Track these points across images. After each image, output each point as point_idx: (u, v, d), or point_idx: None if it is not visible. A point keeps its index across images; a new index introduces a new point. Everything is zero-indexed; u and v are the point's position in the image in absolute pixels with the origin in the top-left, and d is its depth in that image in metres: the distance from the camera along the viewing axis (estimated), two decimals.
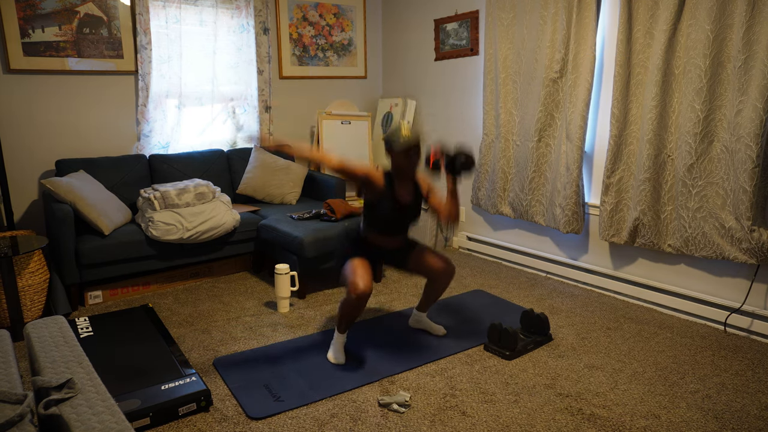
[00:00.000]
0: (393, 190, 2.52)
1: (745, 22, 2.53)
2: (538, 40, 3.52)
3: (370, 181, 2.48)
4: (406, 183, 2.56)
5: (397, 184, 2.54)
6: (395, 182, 2.53)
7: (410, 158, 2.46)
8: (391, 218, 2.54)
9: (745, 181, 2.58)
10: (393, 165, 2.51)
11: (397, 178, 2.54)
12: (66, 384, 1.29)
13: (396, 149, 2.44)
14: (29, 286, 2.95)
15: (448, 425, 2.08)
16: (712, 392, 2.28)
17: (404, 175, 2.52)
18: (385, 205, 2.51)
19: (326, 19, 4.78)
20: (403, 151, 2.44)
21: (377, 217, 2.54)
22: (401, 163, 2.47)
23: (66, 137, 3.78)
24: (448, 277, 2.69)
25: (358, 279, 2.38)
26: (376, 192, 2.50)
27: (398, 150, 2.43)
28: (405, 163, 2.46)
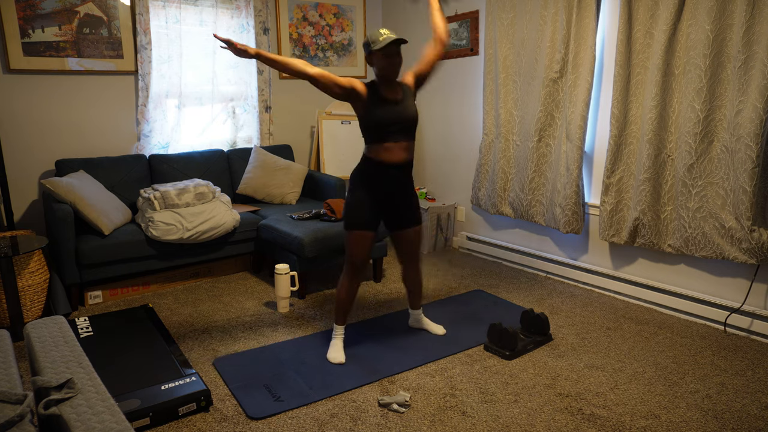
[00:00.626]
0: (378, 94, 2.42)
1: (745, 22, 2.53)
2: (538, 40, 3.52)
3: (354, 89, 2.37)
4: (391, 86, 2.45)
5: (382, 89, 2.43)
6: (380, 88, 2.43)
7: (390, 58, 2.35)
8: (387, 120, 2.40)
9: (745, 181, 2.58)
10: (376, 69, 2.40)
11: (382, 85, 2.43)
12: (66, 384, 1.29)
13: (376, 48, 2.33)
14: (29, 286, 2.95)
15: (448, 425, 2.08)
16: (712, 392, 2.28)
17: (388, 78, 2.41)
18: (375, 109, 2.39)
19: (326, 19, 4.78)
20: (383, 50, 2.33)
21: (374, 125, 2.41)
22: (381, 66, 2.37)
23: (66, 137, 3.78)
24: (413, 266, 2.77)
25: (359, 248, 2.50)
26: (362, 101, 2.40)
27: (378, 49, 2.33)
28: (386, 64, 2.36)
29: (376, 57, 2.37)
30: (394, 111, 2.42)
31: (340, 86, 2.35)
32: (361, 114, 2.44)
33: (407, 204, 2.62)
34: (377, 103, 2.41)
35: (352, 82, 2.38)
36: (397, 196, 2.57)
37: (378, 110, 2.40)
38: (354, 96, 2.40)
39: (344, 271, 2.59)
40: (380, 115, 2.40)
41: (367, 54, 2.42)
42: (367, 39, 2.40)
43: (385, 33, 2.36)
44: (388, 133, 2.43)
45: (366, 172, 2.50)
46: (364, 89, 2.41)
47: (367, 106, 2.41)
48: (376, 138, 2.44)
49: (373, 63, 2.41)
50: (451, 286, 3.62)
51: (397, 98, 2.45)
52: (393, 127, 2.42)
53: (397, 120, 2.42)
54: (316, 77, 2.32)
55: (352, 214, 2.51)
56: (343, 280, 2.60)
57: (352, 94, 2.39)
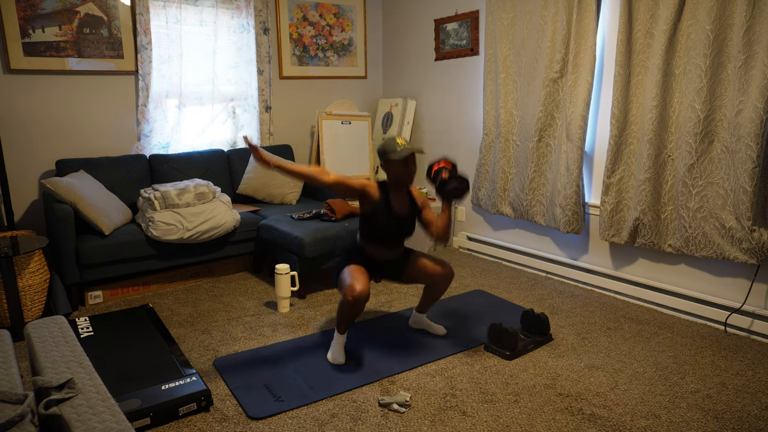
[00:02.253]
0: (389, 202, 2.54)
1: (745, 22, 2.53)
2: (538, 40, 3.52)
3: (366, 193, 2.50)
4: (401, 194, 2.59)
5: (392, 196, 2.56)
6: (391, 194, 2.56)
7: (406, 167, 2.48)
8: (387, 230, 2.55)
9: (745, 181, 2.58)
10: (389, 175, 2.53)
11: (393, 190, 2.56)
12: (66, 384, 1.29)
13: (392, 159, 2.46)
14: (29, 286, 2.95)
15: (448, 425, 2.08)
16: (713, 392, 2.28)
17: (400, 186, 2.55)
18: (381, 216, 2.52)
19: (326, 19, 4.78)
20: (399, 161, 2.46)
21: (374, 228, 2.56)
22: (397, 173, 2.49)
23: (66, 137, 3.78)
24: (446, 281, 2.68)
25: (355, 282, 2.39)
26: (372, 203, 2.52)
27: (394, 159, 2.45)
28: (401, 173, 2.48)
29: (393, 165, 2.48)
30: (395, 225, 2.56)
31: (353, 190, 2.48)
32: (366, 211, 2.55)
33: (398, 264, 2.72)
34: (385, 211, 2.53)
35: (364, 186, 2.49)
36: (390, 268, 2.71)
37: (382, 218, 2.53)
38: (365, 198, 2.52)
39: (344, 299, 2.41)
40: (382, 224, 2.54)
41: (384, 162, 2.50)
42: (383, 148, 2.49)
43: (401, 144, 2.46)
44: (383, 239, 2.59)
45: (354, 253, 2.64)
46: (376, 193, 2.53)
47: (375, 209, 2.53)
48: (370, 237, 2.59)
49: (388, 170, 2.51)
50: (451, 285, 3.62)
51: (403, 213, 2.58)
52: (389, 236, 2.58)
53: (396, 234, 2.58)
54: (332, 185, 2.42)
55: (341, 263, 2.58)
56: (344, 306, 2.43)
57: (364, 197, 2.51)
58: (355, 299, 2.36)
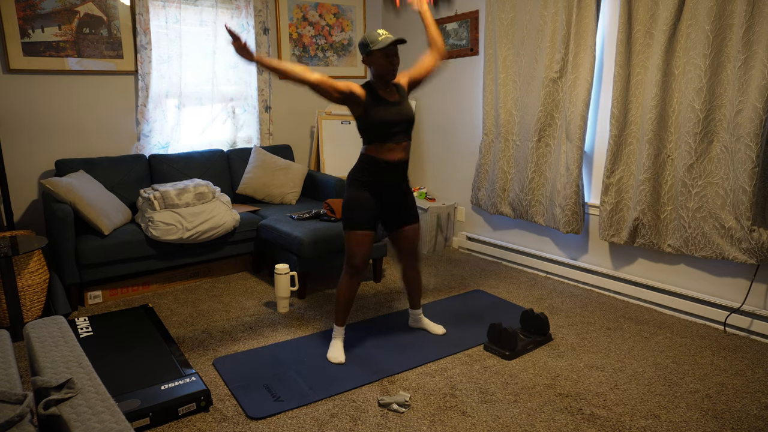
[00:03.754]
0: (377, 96, 2.44)
1: (744, 22, 2.53)
2: (537, 40, 3.52)
3: (352, 92, 2.38)
4: (388, 88, 2.47)
5: (379, 90, 2.45)
6: (377, 89, 2.45)
7: (387, 58, 2.37)
8: (384, 119, 2.41)
9: (744, 181, 2.58)
10: (373, 70, 2.42)
11: (378, 86, 2.45)
12: (66, 384, 1.29)
13: (373, 50, 2.35)
14: (29, 286, 2.95)
15: (448, 425, 2.08)
16: (712, 392, 2.28)
17: (384, 81, 2.44)
18: (373, 110, 2.41)
19: (326, 19, 4.78)
20: (380, 51, 2.35)
21: (372, 126, 2.43)
22: (380, 66, 2.38)
23: (66, 137, 3.78)
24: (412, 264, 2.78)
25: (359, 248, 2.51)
26: (360, 104, 2.41)
27: (375, 50, 2.35)
28: (384, 65, 2.38)
29: (375, 57, 2.38)
30: (393, 112, 2.44)
31: (338, 91, 2.35)
32: (360, 116, 2.45)
33: (405, 203, 2.65)
34: (376, 104, 2.42)
35: (349, 86, 2.38)
36: (395, 195, 2.59)
37: (377, 112, 2.41)
38: (352, 99, 2.40)
39: (344, 271, 2.59)
40: (380, 116, 2.41)
41: (365, 54, 2.42)
42: (365, 39, 2.39)
43: (383, 33, 2.37)
44: (389, 134, 2.45)
45: (365, 171, 2.50)
46: (362, 92, 2.42)
47: (366, 108, 2.42)
48: (376, 139, 2.46)
49: (371, 63, 2.42)
50: (451, 286, 3.62)
51: (395, 99, 2.48)
52: (393, 128, 2.44)
53: (397, 121, 2.45)
54: (316, 83, 2.31)
55: (351, 215, 2.52)
56: (342, 280, 2.60)
57: (351, 98, 2.39)
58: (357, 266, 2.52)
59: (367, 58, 2.42)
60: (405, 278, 2.84)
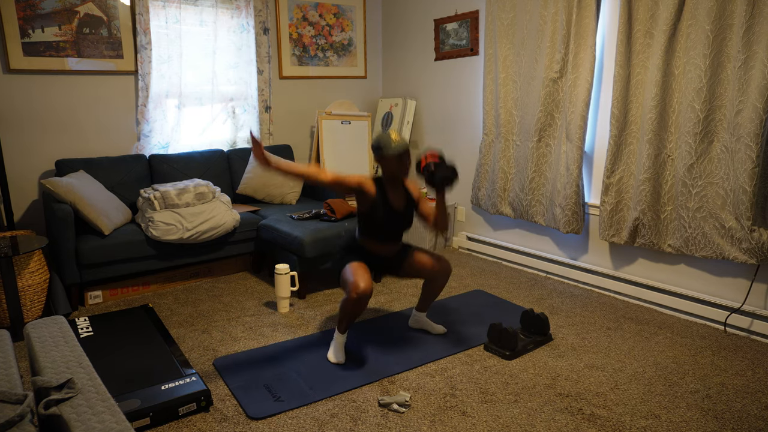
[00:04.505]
0: (385, 197, 2.55)
1: (745, 22, 2.53)
2: (537, 40, 3.52)
3: (363, 190, 2.50)
4: (397, 189, 2.59)
5: (388, 191, 2.57)
6: (387, 189, 2.57)
7: (401, 163, 2.48)
8: (385, 225, 2.56)
9: (745, 181, 2.58)
10: (384, 171, 2.53)
11: (388, 185, 2.57)
12: (66, 384, 1.29)
13: (387, 155, 2.46)
14: (29, 286, 2.95)
15: (448, 425, 2.08)
16: (712, 392, 2.28)
17: (395, 181, 2.56)
18: (378, 211, 2.53)
19: (326, 19, 4.78)
20: (393, 156, 2.46)
21: (372, 224, 2.57)
22: (392, 169, 2.50)
23: (66, 137, 3.78)
24: (444, 276, 2.71)
25: (359, 279, 2.40)
26: (369, 200, 2.53)
27: (389, 155, 2.46)
28: (396, 168, 2.49)
29: (387, 160, 2.48)
30: (393, 219, 2.57)
31: (350, 187, 2.49)
32: (365, 210, 2.56)
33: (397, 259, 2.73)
34: (382, 206, 2.54)
35: (360, 182, 2.50)
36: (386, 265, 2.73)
37: (379, 213, 2.54)
38: (362, 194, 2.52)
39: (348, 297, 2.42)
40: (380, 219, 2.55)
41: (378, 157, 2.50)
42: (378, 143, 2.48)
43: (395, 137, 2.46)
44: (381, 234, 2.59)
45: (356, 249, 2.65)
46: (372, 189, 2.53)
47: (372, 205, 2.54)
48: (369, 233, 2.60)
49: (383, 165, 2.51)
50: (451, 285, 3.62)
51: (400, 208, 2.59)
52: (387, 231, 2.59)
53: (394, 228, 2.59)
54: (330, 184, 2.43)
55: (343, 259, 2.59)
56: (347, 302, 2.44)
57: (361, 193, 2.51)
58: (360, 296, 2.38)
59: (380, 160, 2.51)
60: (429, 285, 2.76)
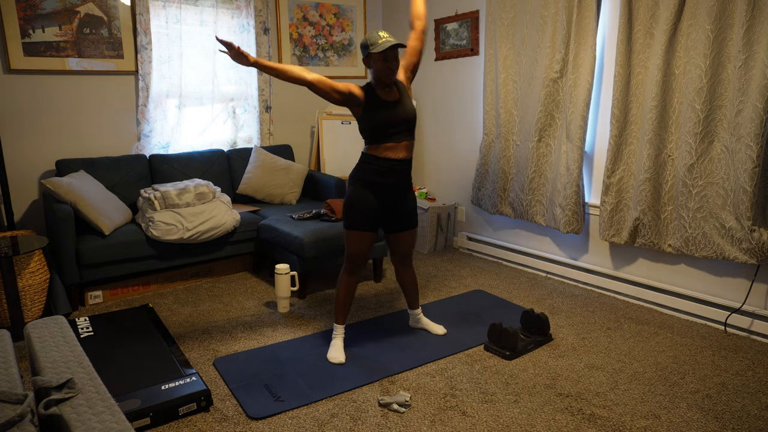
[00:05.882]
0: (376, 96, 2.43)
1: (745, 22, 2.53)
2: (538, 40, 3.52)
3: (352, 93, 2.39)
4: (388, 87, 2.46)
5: (378, 91, 2.45)
6: (377, 90, 2.45)
7: (386, 63, 2.36)
8: (386, 120, 2.42)
9: (745, 181, 2.58)
10: (373, 71, 2.41)
11: (378, 86, 2.45)
12: (66, 384, 1.29)
13: (372, 52, 2.34)
14: (29, 286, 2.95)
15: (448, 425, 2.08)
16: (713, 392, 2.28)
17: (385, 81, 2.42)
18: (375, 111, 2.41)
19: (326, 19, 4.78)
20: (379, 55, 2.34)
21: (374, 126, 2.43)
22: (378, 68, 2.37)
23: (66, 137, 3.78)
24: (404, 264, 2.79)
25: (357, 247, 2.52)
26: (359, 104, 2.42)
27: (374, 53, 2.34)
28: (384, 67, 2.36)
29: (374, 60, 2.38)
30: (393, 112, 2.43)
31: (338, 91, 2.37)
32: (361, 117, 2.46)
33: (406, 206, 2.64)
34: (376, 105, 2.42)
35: (349, 87, 2.39)
36: (396, 196, 2.57)
37: (377, 112, 2.41)
38: (352, 100, 2.41)
39: (343, 269, 2.61)
40: (380, 117, 2.41)
41: (365, 56, 2.42)
42: (365, 41, 2.39)
43: (383, 36, 2.36)
44: (389, 134, 2.45)
45: (367, 170, 2.50)
46: (361, 93, 2.43)
47: (365, 109, 2.43)
48: (376, 139, 2.46)
49: (370, 65, 2.42)
50: (451, 285, 3.62)
51: (395, 99, 2.47)
52: (393, 128, 2.44)
53: (397, 121, 2.45)
54: (314, 83, 2.33)
55: (351, 214, 2.51)
56: (341, 278, 2.62)
57: (350, 99, 2.41)
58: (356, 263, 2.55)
59: (367, 59, 2.42)
60: (399, 278, 2.85)
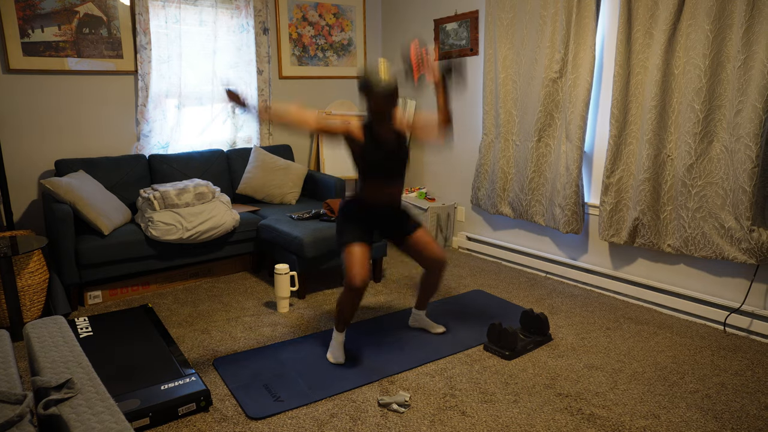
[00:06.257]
0: (374, 136, 2.43)
1: (744, 22, 2.53)
2: (537, 40, 3.52)
3: (351, 135, 2.41)
4: (385, 124, 2.45)
5: (376, 129, 2.44)
6: (375, 127, 2.44)
7: (389, 101, 2.35)
8: (381, 162, 2.44)
9: (744, 181, 2.58)
10: (370, 108, 2.41)
11: (376, 124, 2.44)
12: (65, 384, 1.29)
13: (375, 91, 2.32)
14: (29, 286, 2.95)
15: (447, 425, 2.08)
16: (712, 392, 2.28)
17: (383, 119, 2.41)
18: (370, 151, 2.42)
19: (326, 19, 4.78)
20: (381, 94, 2.33)
21: (369, 166, 2.45)
22: (379, 107, 2.36)
23: (66, 137, 3.78)
24: (439, 268, 2.67)
25: (355, 270, 2.38)
26: (359, 144, 2.42)
27: (377, 93, 2.32)
28: (383, 106, 2.36)
29: (376, 98, 2.35)
30: (387, 154, 2.46)
31: (337, 134, 2.41)
32: (356, 154, 2.47)
33: (400, 217, 2.66)
34: (374, 146, 2.44)
35: (347, 130, 2.41)
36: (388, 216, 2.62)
37: (372, 152, 2.44)
38: (351, 140, 2.44)
39: (344, 290, 2.46)
40: (375, 157, 2.45)
41: (365, 94, 2.37)
42: (366, 80, 2.34)
43: (383, 71, 2.33)
44: (380, 174, 2.49)
45: (355, 206, 2.56)
46: (360, 134, 2.43)
47: (364, 148, 2.44)
48: (368, 177, 2.50)
49: (369, 101, 2.38)
50: (451, 285, 3.62)
51: (390, 139, 2.47)
52: (385, 168, 2.48)
53: (392, 164, 2.49)
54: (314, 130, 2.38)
55: (341, 233, 2.53)
56: (343, 296, 2.48)
57: (350, 139, 2.44)
58: (355, 291, 2.38)
59: (368, 98, 2.38)
60: (425, 281, 2.76)
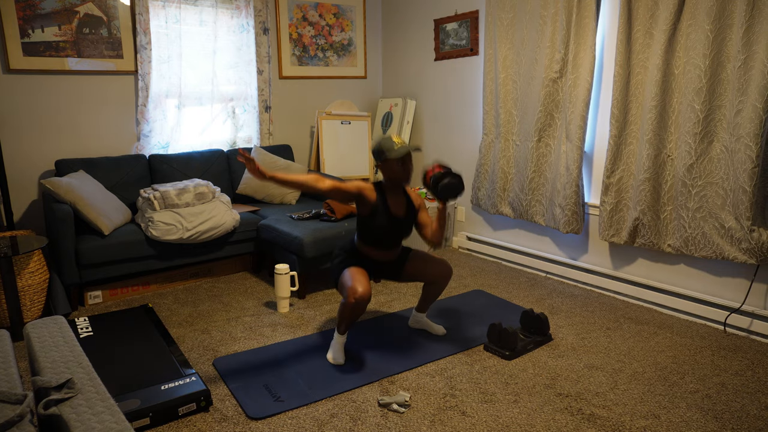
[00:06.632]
0: (386, 203, 2.52)
1: (744, 22, 2.53)
2: (537, 40, 3.52)
3: (363, 196, 2.47)
4: (398, 195, 2.56)
5: (389, 197, 2.54)
6: (387, 195, 2.53)
7: (403, 166, 2.45)
8: (384, 232, 2.52)
9: (744, 181, 2.58)
10: (385, 176, 2.50)
11: (389, 190, 2.54)
12: (66, 384, 1.29)
13: (389, 158, 2.43)
14: (29, 286, 2.95)
15: (447, 425, 2.08)
16: (712, 392, 2.28)
17: (396, 186, 2.53)
18: (378, 218, 2.50)
19: (326, 19, 4.78)
20: (396, 160, 2.43)
21: (371, 231, 2.53)
22: (394, 173, 2.46)
23: (66, 137, 3.78)
24: (444, 280, 2.71)
25: (357, 284, 2.38)
26: (369, 206, 2.49)
27: (391, 159, 2.43)
28: (397, 172, 2.45)
29: (390, 164, 2.44)
30: (393, 226, 2.52)
31: (350, 194, 2.44)
32: (365, 215, 2.52)
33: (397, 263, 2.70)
34: (383, 213, 2.50)
35: (360, 190, 2.46)
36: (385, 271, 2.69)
37: (379, 220, 2.49)
38: (362, 201, 2.48)
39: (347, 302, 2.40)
40: (380, 226, 2.50)
41: (380, 162, 2.46)
42: (380, 147, 2.44)
43: (398, 141, 2.43)
44: (381, 241, 2.55)
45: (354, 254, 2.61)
46: (372, 195, 2.49)
47: (373, 212, 2.50)
48: (368, 240, 2.56)
49: (384, 169, 2.47)
50: (451, 285, 3.62)
51: (401, 215, 2.55)
52: (387, 238, 2.55)
53: (394, 236, 2.55)
54: (328, 192, 2.39)
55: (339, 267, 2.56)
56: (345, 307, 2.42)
57: (361, 200, 2.48)
58: (357, 301, 2.36)
59: (382, 164, 2.47)
60: (429, 288, 2.76)
